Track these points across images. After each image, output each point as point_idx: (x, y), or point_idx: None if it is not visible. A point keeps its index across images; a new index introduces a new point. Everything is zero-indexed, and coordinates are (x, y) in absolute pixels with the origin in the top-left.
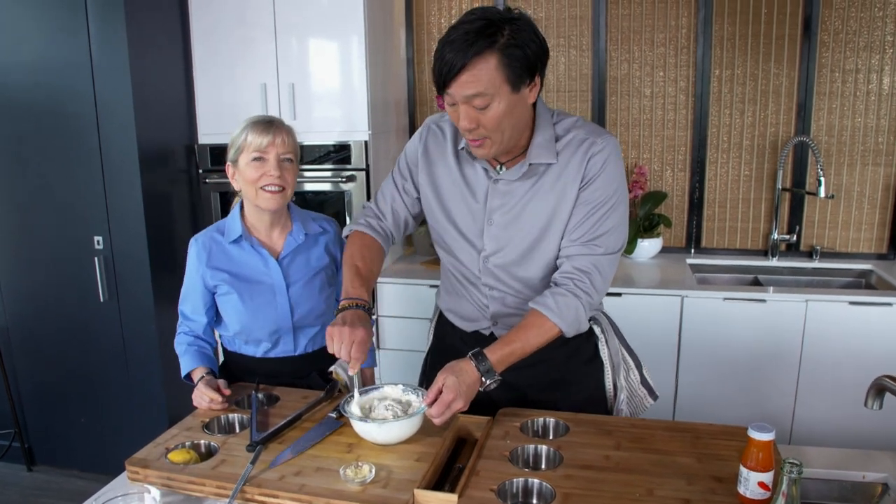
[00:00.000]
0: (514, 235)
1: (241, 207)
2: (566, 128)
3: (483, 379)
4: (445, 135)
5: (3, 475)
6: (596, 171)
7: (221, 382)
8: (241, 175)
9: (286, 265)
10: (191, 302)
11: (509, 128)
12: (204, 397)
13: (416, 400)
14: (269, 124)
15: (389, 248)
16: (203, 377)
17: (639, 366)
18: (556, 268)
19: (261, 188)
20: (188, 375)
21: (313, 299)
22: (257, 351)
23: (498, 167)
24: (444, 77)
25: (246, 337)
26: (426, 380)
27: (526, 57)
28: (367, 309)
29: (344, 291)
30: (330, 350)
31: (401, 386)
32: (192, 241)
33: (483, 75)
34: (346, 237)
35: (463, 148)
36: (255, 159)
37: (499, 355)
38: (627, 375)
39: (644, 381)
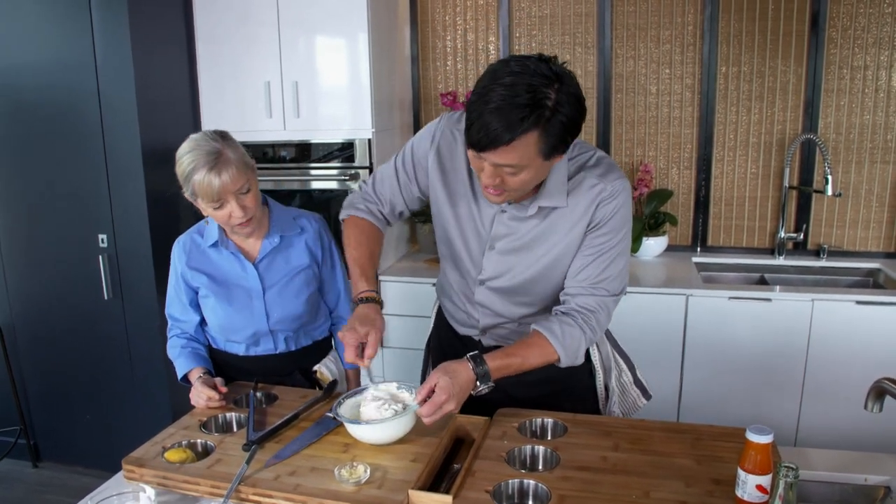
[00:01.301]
0: (515, 266)
1: None
2: (578, 166)
3: (477, 382)
4: (459, 146)
5: (9, 471)
6: (604, 218)
7: (219, 381)
8: (206, 212)
9: (263, 269)
10: (178, 303)
11: (531, 186)
12: (202, 395)
13: (410, 397)
14: (212, 167)
15: (386, 232)
16: (200, 377)
17: (631, 367)
18: (552, 301)
19: (233, 226)
20: (185, 378)
21: (291, 303)
22: (239, 349)
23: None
24: (481, 145)
25: (226, 337)
26: (427, 370)
27: (566, 130)
28: (375, 301)
29: (354, 288)
30: (347, 358)
31: (395, 384)
32: (175, 242)
33: (521, 151)
34: (343, 220)
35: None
36: (216, 209)
37: (498, 363)
38: (619, 377)
39: (637, 382)
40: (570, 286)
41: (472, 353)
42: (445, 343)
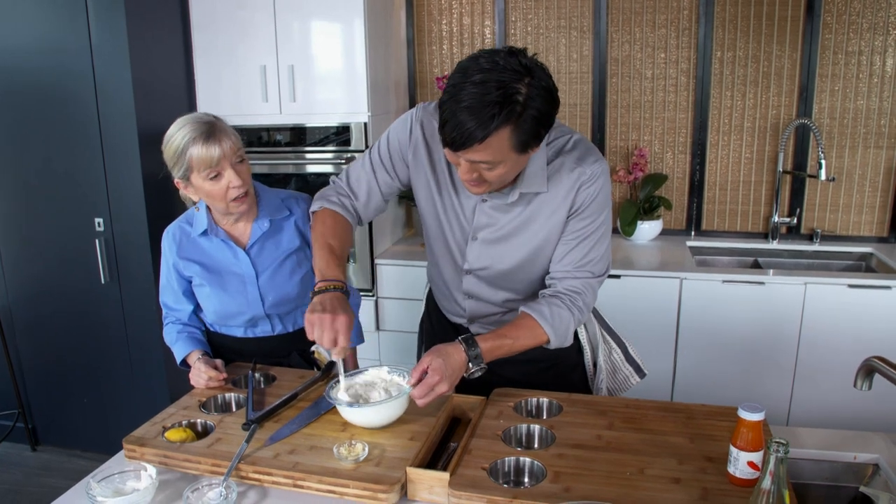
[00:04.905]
0: (500, 256)
1: None
2: (556, 151)
3: (469, 365)
4: (437, 138)
5: (8, 455)
6: (584, 203)
7: (219, 362)
8: (200, 190)
9: (255, 254)
10: (171, 292)
11: (509, 178)
12: (202, 375)
13: (402, 381)
14: (210, 134)
15: (356, 228)
16: (199, 357)
17: (621, 345)
18: (538, 288)
19: (230, 200)
20: (184, 362)
21: (284, 285)
22: (237, 332)
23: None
24: (456, 145)
25: (222, 323)
26: (421, 352)
27: (538, 123)
28: (344, 291)
29: (319, 272)
30: (310, 337)
31: (386, 368)
32: (164, 232)
33: (495, 148)
34: (314, 213)
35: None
36: (212, 177)
37: (490, 345)
38: (609, 355)
39: (630, 360)
40: (555, 271)
41: (464, 336)
42: (438, 328)
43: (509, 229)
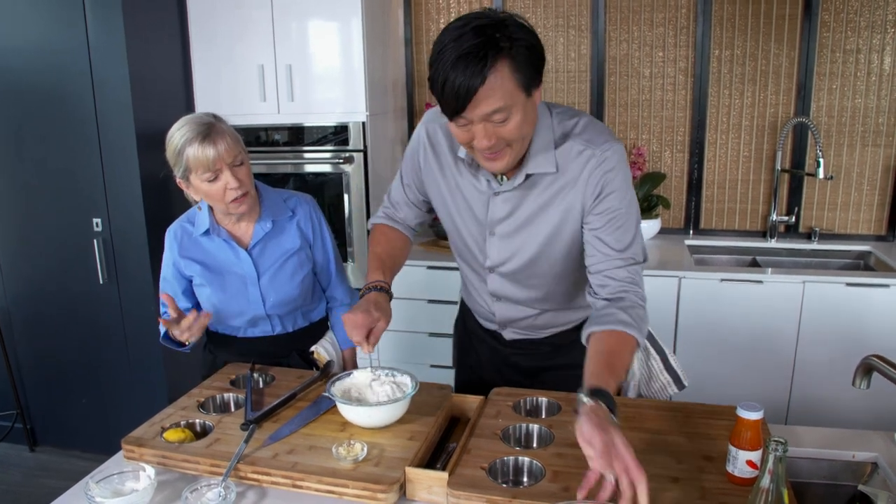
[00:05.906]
0: (519, 247)
1: None
2: (565, 133)
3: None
4: (442, 141)
5: (6, 456)
6: (606, 189)
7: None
8: (199, 190)
9: (257, 254)
10: (170, 290)
11: (528, 133)
12: (176, 323)
13: (404, 381)
14: (206, 136)
15: (413, 236)
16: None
17: (661, 352)
18: (558, 280)
19: (228, 201)
20: (170, 338)
21: (286, 286)
22: (237, 331)
23: (500, 178)
24: (460, 102)
25: (223, 322)
26: (457, 352)
27: (531, 54)
28: (385, 290)
29: (366, 278)
30: (349, 337)
31: (369, 369)
32: (167, 230)
33: (500, 87)
34: (369, 231)
35: (462, 158)
36: (210, 180)
37: (613, 387)
38: (647, 361)
39: (669, 369)
40: (596, 263)
41: (591, 389)
42: (472, 332)
43: (524, 218)
